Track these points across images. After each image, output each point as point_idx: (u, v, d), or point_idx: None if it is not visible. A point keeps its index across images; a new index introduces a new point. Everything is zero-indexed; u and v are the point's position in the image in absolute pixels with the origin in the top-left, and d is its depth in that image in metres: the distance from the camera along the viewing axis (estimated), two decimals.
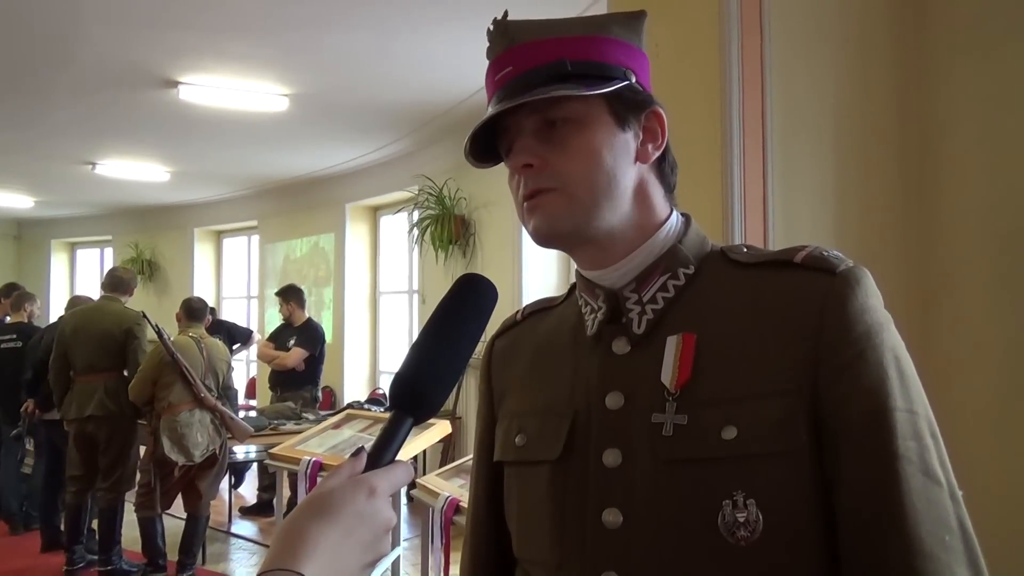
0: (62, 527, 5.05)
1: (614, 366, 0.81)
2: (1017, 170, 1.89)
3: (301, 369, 5.81)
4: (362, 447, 0.68)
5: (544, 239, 0.81)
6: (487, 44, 0.83)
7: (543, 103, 0.78)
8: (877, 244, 2.00)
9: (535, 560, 0.85)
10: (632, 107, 0.82)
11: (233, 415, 4.49)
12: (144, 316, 4.82)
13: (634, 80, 0.82)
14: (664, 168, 0.86)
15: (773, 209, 1.83)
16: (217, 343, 4.68)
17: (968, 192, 1.98)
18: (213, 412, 4.32)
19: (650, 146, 0.83)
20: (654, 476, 0.75)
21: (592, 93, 0.78)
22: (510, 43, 0.80)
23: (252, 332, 7.23)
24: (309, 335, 5.90)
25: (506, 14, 0.82)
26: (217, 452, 4.36)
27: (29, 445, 5.30)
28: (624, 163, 0.81)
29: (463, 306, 0.75)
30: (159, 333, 4.33)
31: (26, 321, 5.60)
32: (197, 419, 4.24)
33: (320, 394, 6.10)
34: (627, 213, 0.81)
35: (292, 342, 5.87)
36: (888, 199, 2.05)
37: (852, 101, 2.01)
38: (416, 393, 0.70)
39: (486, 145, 0.85)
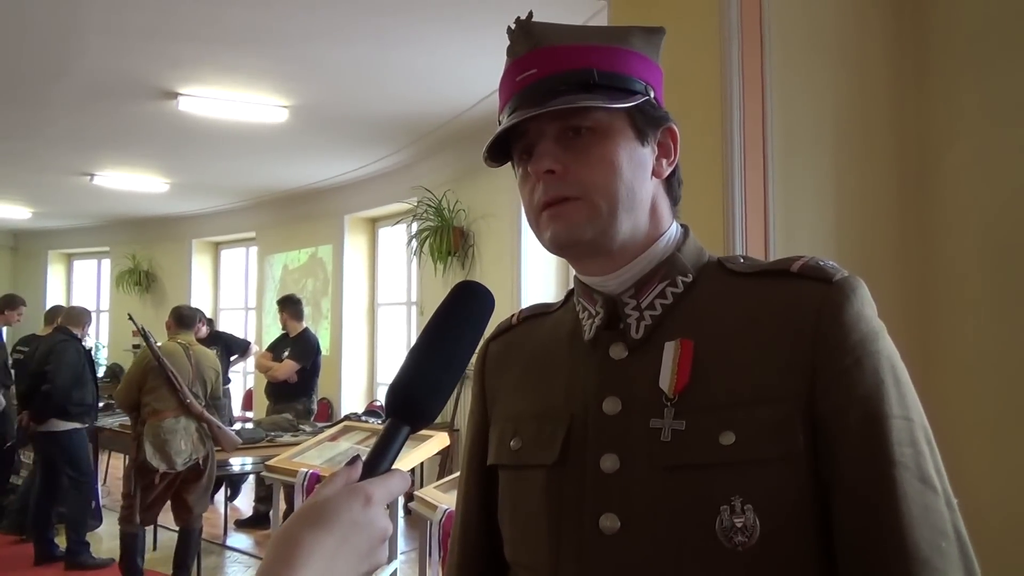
0: (56, 540, 5.04)
1: (611, 371, 0.81)
2: (1014, 182, 1.90)
3: (294, 381, 5.80)
4: (358, 455, 0.68)
5: (561, 248, 0.82)
6: (508, 43, 0.82)
7: (568, 111, 0.78)
8: (876, 255, 2.00)
9: (530, 565, 0.84)
10: (651, 122, 0.82)
11: (221, 424, 4.41)
12: (130, 317, 4.81)
13: (652, 95, 0.83)
14: (672, 183, 0.87)
15: (774, 220, 1.83)
16: (206, 351, 4.61)
17: (966, 203, 1.98)
18: (199, 420, 4.26)
19: (664, 162, 0.84)
20: (652, 482, 0.75)
21: (619, 106, 0.79)
22: (534, 45, 0.80)
23: (250, 344, 7.21)
24: (302, 347, 5.90)
25: (530, 15, 0.82)
26: (201, 462, 4.27)
27: (25, 458, 5.27)
28: (642, 177, 0.81)
29: (460, 313, 0.75)
30: (145, 336, 4.30)
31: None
32: (182, 426, 4.18)
33: (315, 406, 6.07)
34: (639, 226, 0.82)
35: (286, 354, 5.88)
36: (887, 210, 2.05)
37: (851, 114, 2.01)
38: (412, 401, 0.69)
39: (499, 145, 0.84)
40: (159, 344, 4.32)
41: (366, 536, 0.61)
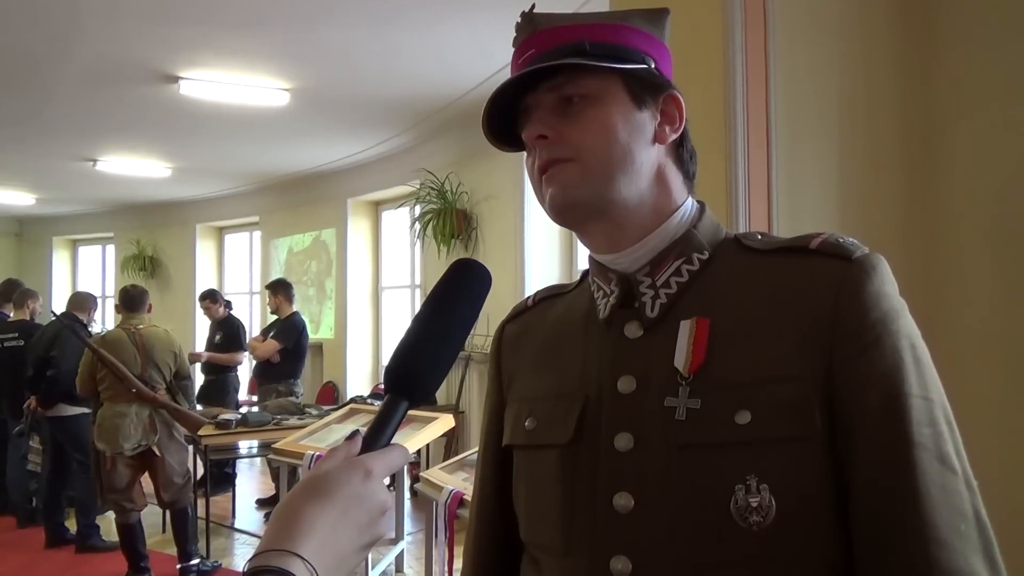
0: (66, 523, 5.10)
1: (626, 350, 0.81)
2: (1021, 160, 1.89)
3: (276, 361, 5.85)
4: (357, 430, 0.68)
5: (559, 210, 0.81)
6: (511, 31, 0.84)
7: (561, 81, 0.79)
8: (881, 234, 1.99)
9: (543, 545, 0.84)
10: (649, 88, 0.82)
11: (179, 407, 4.33)
12: (53, 313, 4.83)
13: (653, 66, 0.83)
14: (683, 155, 0.86)
15: (777, 200, 1.83)
16: (158, 333, 4.41)
17: (972, 181, 1.97)
18: (154, 406, 4.22)
19: (667, 128, 0.83)
20: (666, 460, 0.75)
21: (606, 66, 0.79)
22: (534, 30, 0.82)
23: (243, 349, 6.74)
24: (285, 329, 5.95)
25: (533, 7, 0.84)
26: (156, 449, 4.22)
27: (35, 443, 5.32)
28: (640, 140, 0.81)
29: (457, 290, 0.75)
30: (74, 330, 4.33)
31: (28, 319, 5.61)
32: (133, 411, 4.17)
33: (300, 387, 6.06)
34: (644, 192, 0.82)
35: (271, 335, 5.96)
36: (892, 189, 2.04)
37: (856, 91, 2.00)
38: (410, 376, 0.70)
39: (509, 130, 0.85)
40: (102, 333, 4.29)
41: (366, 509, 0.62)
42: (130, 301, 4.45)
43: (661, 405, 0.76)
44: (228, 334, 6.55)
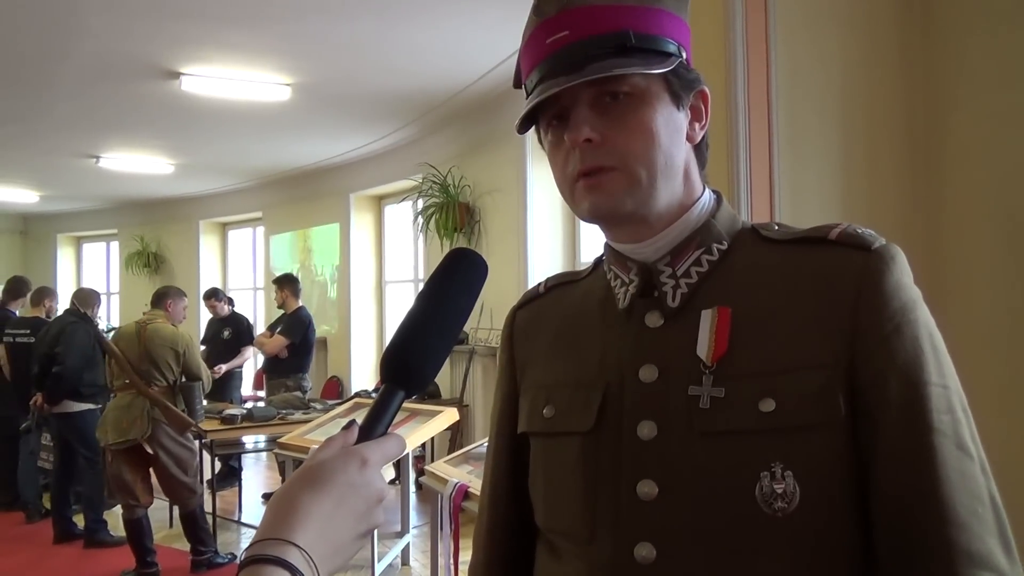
0: (74, 519, 5.12)
1: (647, 339, 0.81)
2: None
3: (284, 356, 5.88)
4: (353, 420, 0.68)
5: (601, 217, 0.81)
6: (534, 3, 0.81)
7: (603, 77, 0.76)
8: (885, 221, 1.99)
9: (564, 531, 0.84)
10: (685, 86, 0.81)
11: (168, 404, 4.30)
12: (72, 303, 5.06)
13: (684, 57, 0.81)
14: (702, 147, 0.86)
15: (779, 187, 1.82)
16: (162, 330, 4.42)
17: (975, 168, 1.96)
18: (147, 400, 4.25)
19: (696, 126, 0.84)
20: (691, 448, 0.76)
21: (658, 71, 0.77)
22: (566, 5, 0.78)
23: (251, 346, 6.77)
24: (291, 323, 5.97)
25: None
26: (145, 444, 4.21)
27: (45, 440, 5.34)
28: (678, 142, 0.81)
29: (453, 280, 0.75)
30: (87, 320, 4.55)
31: (43, 316, 5.64)
32: (129, 404, 4.23)
33: (308, 382, 6.07)
34: (676, 191, 0.82)
35: (278, 330, 5.97)
36: (895, 175, 2.03)
37: (858, 77, 1.99)
38: (407, 366, 0.69)
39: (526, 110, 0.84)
40: (117, 326, 4.48)
41: (363, 497, 0.61)
42: (155, 297, 4.69)
43: (684, 394, 0.77)
44: (237, 330, 6.60)
